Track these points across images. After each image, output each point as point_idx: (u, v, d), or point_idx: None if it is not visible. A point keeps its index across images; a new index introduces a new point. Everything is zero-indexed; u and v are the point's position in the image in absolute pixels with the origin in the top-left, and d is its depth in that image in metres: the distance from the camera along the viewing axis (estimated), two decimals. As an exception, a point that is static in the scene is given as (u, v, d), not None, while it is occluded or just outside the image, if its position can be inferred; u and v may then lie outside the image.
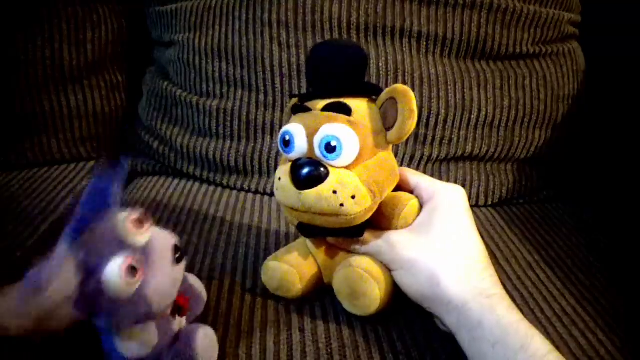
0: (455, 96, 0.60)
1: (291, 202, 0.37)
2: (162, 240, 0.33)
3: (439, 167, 0.62)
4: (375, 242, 0.39)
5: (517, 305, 0.44)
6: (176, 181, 0.64)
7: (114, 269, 0.29)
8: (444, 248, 0.37)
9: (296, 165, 0.36)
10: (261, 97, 0.60)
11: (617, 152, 0.67)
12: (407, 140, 0.60)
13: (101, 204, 0.31)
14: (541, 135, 0.64)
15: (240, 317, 0.41)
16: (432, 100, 0.59)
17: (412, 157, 0.61)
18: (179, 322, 0.35)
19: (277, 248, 0.50)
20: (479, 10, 0.60)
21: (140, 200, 0.59)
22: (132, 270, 0.29)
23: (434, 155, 0.61)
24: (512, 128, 0.63)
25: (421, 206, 0.40)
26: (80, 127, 0.69)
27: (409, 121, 0.36)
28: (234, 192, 0.61)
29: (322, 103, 0.38)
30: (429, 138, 0.60)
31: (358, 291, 0.39)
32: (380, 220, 0.40)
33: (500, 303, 0.34)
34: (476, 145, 0.62)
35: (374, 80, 0.59)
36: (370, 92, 0.39)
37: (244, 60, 0.60)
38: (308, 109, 0.38)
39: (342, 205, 0.35)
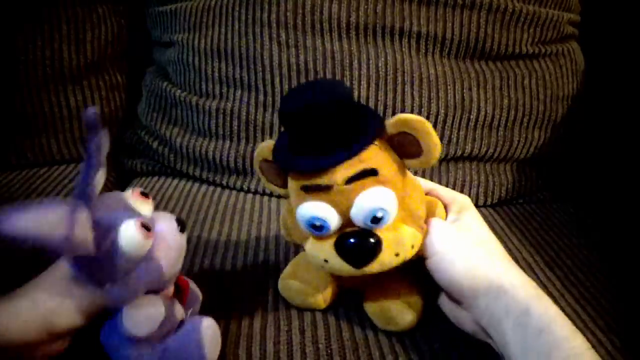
0: (455, 96, 0.60)
1: (347, 272, 0.35)
2: (164, 214, 0.34)
3: (438, 167, 0.62)
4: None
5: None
6: (176, 181, 0.64)
7: (129, 226, 0.30)
8: (482, 238, 0.38)
9: (348, 245, 0.34)
10: (261, 97, 0.60)
11: (617, 152, 0.67)
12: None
13: (97, 159, 0.32)
14: (540, 135, 0.64)
15: (240, 317, 0.41)
16: (432, 100, 0.59)
17: (411, 158, 0.61)
18: (181, 312, 0.35)
19: (277, 248, 0.50)
20: (479, 11, 0.60)
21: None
22: (145, 229, 0.30)
23: (434, 156, 0.61)
24: (512, 128, 0.63)
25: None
26: (80, 127, 0.68)
27: (435, 153, 0.34)
28: (234, 192, 0.61)
29: (338, 174, 0.33)
30: (429, 138, 0.60)
31: (394, 320, 0.39)
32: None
33: (544, 295, 0.34)
34: (475, 146, 0.61)
35: (373, 81, 0.59)
36: (367, 124, 0.34)
37: (243, 61, 0.60)
38: (329, 187, 0.33)
39: (397, 254, 0.35)
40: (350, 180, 0.33)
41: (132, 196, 0.33)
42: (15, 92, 0.64)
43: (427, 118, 0.59)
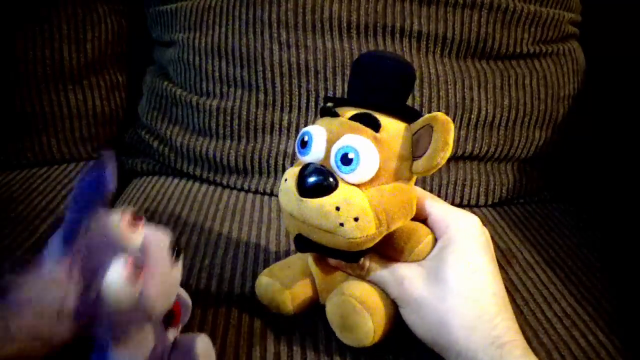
0: (456, 96, 0.60)
1: (290, 207, 0.34)
2: (158, 238, 0.31)
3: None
4: (381, 273, 0.37)
5: (518, 307, 0.44)
6: (176, 181, 0.64)
7: (115, 276, 0.27)
8: (454, 292, 0.34)
9: (305, 170, 0.34)
10: (261, 96, 0.60)
11: (617, 152, 0.67)
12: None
13: (91, 203, 0.29)
14: (541, 135, 0.64)
15: (241, 319, 0.41)
16: (432, 100, 0.59)
17: (412, 157, 0.60)
18: (173, 334, 0.34)
19: (277, 248, 0.50)
20: (479, 10, 0.60)
21: (140, 199, 0.59)
22: (134, 274, 0.27)
23: (434, 155, 0.61)
24: (512, 128, 0.63)
25: (435, 240, 0.37)
26: (80, 127, 0.68)
27: (440, 153, 0.32)
28: (234, 192, 0.61)
29: (353, 112, 0.35)
30: (429, 138, 0.60)
31: (350, 323, 0.36)
32: (389, 250, 0.37)
33: (511, 352, 0.32)
34: (476, 145, 0.61)
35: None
36: (411, 116, 0.35)
37: (243, 60, 0.60)
38: (336, 114, 0.35)
39: (342, 224, 0.32)
40: (354, 117, 0.34)
41: (121, 225, 0.29)
42: (15, 92, 0.64)
43: (428, 118, 0.59)
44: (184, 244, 0.50)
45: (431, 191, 0.61)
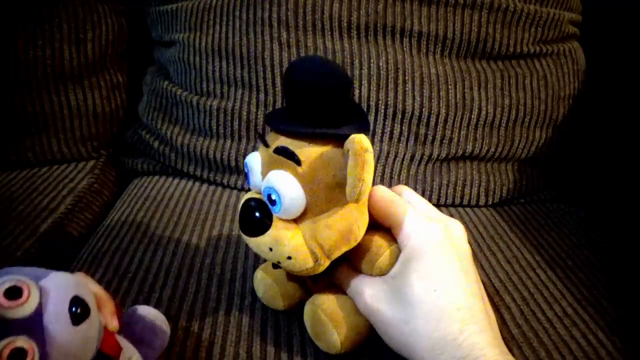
0: (456, 96, 0.60)
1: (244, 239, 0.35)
2: (57, 297, 0.26)
3: (439, 167, 0.62)
4: (350, 286, 0.36)
5: (518, 307, 0.44)
6: (176, 181, 0.64)
7: None
8: (417, 313, 0.32)
9: (244, 207, 0.34)
10: (261, 96, 0.60)
11: (618, 152, 0.67)
12: (407, 139, 0.60)
13: None
14: (542, 135, 0.64)
15: (241, 317, 0.41)
16: (432, 100, 0.59)
17: (412, 157, 0.61)
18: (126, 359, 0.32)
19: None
20: (480, 10, 0.60)
21: (140, 199, 0.59)
22: (20, 355, 0.24)
23: (434, 155, 0.61)
24: (513, 128, 0.63)
25: (399, 249, 0.36)
26: (81, 127, 0.68)
27: (355, 188, 0.30)
28: (234, 192, 0.61)
29: (277, 141, 0.33)
30: (429, 138, 0.60)
31: (318, 333, 0.37)
32: (356, 262, 0.37)
33: None
34: (476, 145, 0.61)
35: (374, 80, 0.58)
36: (341, 136, 0.32)
37: (244, 60, 0.60)
38: (266, 144, 0.34)
39: (279, 262, 0.33)
40: (277, 151, 0.33)
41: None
42: (15, 92, 0.64)
43: (428, 117, 0.59)
44: (183, 245, 0.50)
45: (431, 192, 0.61)
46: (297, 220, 0.33)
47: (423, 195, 0.61)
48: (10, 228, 0.53)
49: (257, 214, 0.33)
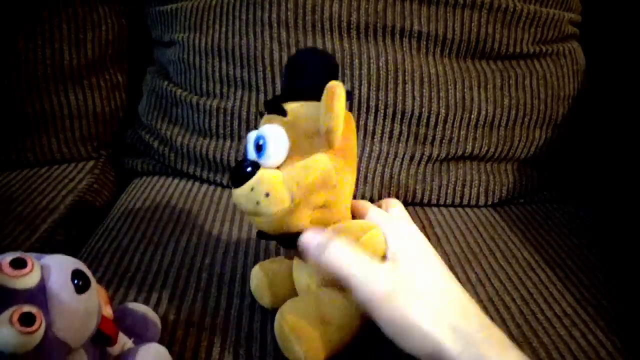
0: (456, 96, 0.60)
1: (234, 201, 0.37)
2: (59, 270, 0.28)
3: (439, 167, 0.62)
4: (353, 289, 0.34)
5: (518, 307, 0.44)
6: (176, 181, 0.64)
7: (4, 328, 0.25)
8: (418, 286, 0.33)
9: (235, 165, 0.37)
10: (261, 96, 0.60)
11: (617, 152, 0.67)
12: (407, 139, 0.60)
13: None
14: (541, 135, 0.64)
15: (241, 316, 0.41)
16: (432, 100, 0.59)
17: (412, 157, 0.61)
18: (121, 346, 0.33)
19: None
20: (479, 10, 0.60)
21: (140, 199, 0.59)
22: (28, 319, 0.25)
23: (434, 155, 0.61)
24: (512, 128, 0.63)
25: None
26: (81, 127, 0.68)
27: (325, 118, 0.34)
28: (234, 192, 0.61)
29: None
30: (429, 138, 0.60)
31: (284, 345, 0.36)
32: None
33: (490, 350, 0.30)
34: (476, 145, 0.61)
35: (374, 80, 0.58)
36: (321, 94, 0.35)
37: (244, 60, 0.60)
38: (262, 114, 0.38)
39: (257, 203, 0.34)
40: (265, 104, 0.38)
41: (2, 270, 0.26)
42: (15, 92, 0.64)
43: (428, 117, 0.59)
44: (183, 244, 0.50)
45: (431, 192, 0.61)
46: (279, 168, 0.35)
47: (423, 195, 0.61)
48: (10, 228, 0.53)
49: (244, 164, 0.35)
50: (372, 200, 0.61)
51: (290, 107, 0.36)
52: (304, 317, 0.36)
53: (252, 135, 0.36)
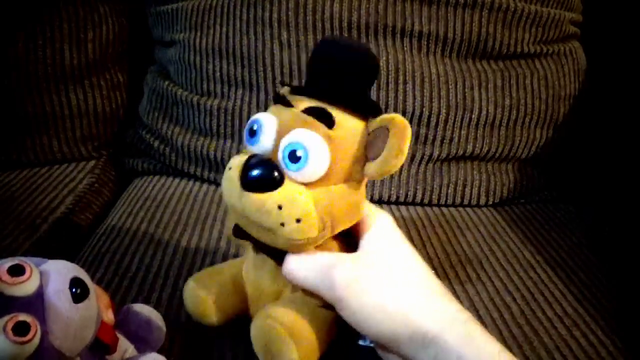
0: (456, 96, 0.60)
1: (232, 200, 0.32)
2: (57, 278, 0.28)
3: (439, 167, 0.62)
4: (314, 276, 0.32)
5: (518, 307, 0.44)
6: (176, 181, 0.64)
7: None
8: (394, 266, 0.32)
9: (250, 161, 0.31)
10: (262, 96, 0.60)
11: (618, 152, 0.67)
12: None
13: None
14: (542, 135, 0.64)
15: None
16: (433, 100, 0.59)
17: (412, 157, 0.61)
18: (122, 353, 0.33)
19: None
20: (480, 10, 0.60)
21: (141, 199, 0.59)
22: (22, 328, 0.25)
23: (435, 155, 0.61)
24: (513, 128, 0.62)
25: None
26: (81, 127, 0.68)
27: (393, 160, 0.30)
28: (235, 192, 0.61)
29: (307, 103, 0.32)
30: (430, 138, 0.60)
31: (272, 351, 0.32)
32: None
33: (475, 330, 0.30)
34: (477, 145, 0.61)
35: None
36: (370, 111, 0.33)
37: (244, 60, 0.60)
38: (289, 104, 0.32)
39: (282, 224, 0.30)
40: (307, 111, 0.31)
41: (2, 277, 0.26)
42: (16, 91, 0.64)
43: (429, 117, 0.59)
44: (184, 245, 0.50)
45: (431, 192, 0.61)
46: (309, 186, 0.31)
47: (423, 195, 0.61)
48: (10, 228, 0.53)
49: (269, 169, 0.30)
50: (372, 200, 0.61)
51: (338, 118, 0.31)
52: (298, 320, 0.33)
53: (268, 122, 0.31)
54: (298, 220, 0.30)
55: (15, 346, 0.24)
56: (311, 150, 0.30)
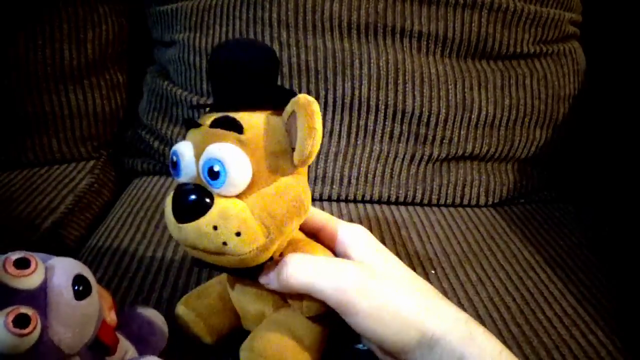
0: (456, 96, 0.60)
1: (175, 235, 0.31)
2: (61, 274, 0.28)
3: (439, 167, 0.62)
4: (320, 279, 0.32)
5: (518, 307, 0.44)
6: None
7: None
8: (396, 275, 0.33)
9: (177, 192, 0.30)
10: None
11: (618, 152, 0.67)
12: (407, 139, 0.60)
13: None
14: (542, 135, 0.64)
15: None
16: (433, 100, 0.59)
17: (412, 157, 0.61)
18: (122, 355, 0.32)
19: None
20: (480, 10, 0.60)
21: (140, 199, 0.59)
22: (23, 321, 0.25)
23: (434, 155, 0.61)
24: (513, 128, 0.63)
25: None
26: (81, 127, 0.68)
27: (308, 140, 0.29)
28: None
29: (214, 116, 0.31)
30: (429, 138, 0.60)
31: None
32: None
33: (477, 330, 0.30)
34: (477, 145, 0.61)
35: (374, 80, 0.58)
36: (278, 101, 0.31)
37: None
38: (198, 125, 0.31)
39: (225, 243, 0.29)
40: (214, 123, 0.30)
41: (6, 269, 0.26)
42: (15, 92, 0.64)
43: (429, 117, 0.59)
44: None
45: (431, 192, 0.61)
46: (240, 196, 0.30)
47: (423, 195, 0.61)
48: (10, 228, 0.53)
49: (196, 194, 0.29)
50: (371, 200, 0.61)
51: (246, 120, 0.30)
52: (285, 347, 0.32)
53: (184, 148, 0.30)
54: (238, 234, 0.29)
55: (14, 338, 0.24)
56: (227, 162, 0.29)
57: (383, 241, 0.40)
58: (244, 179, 0.29)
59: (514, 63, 0.63)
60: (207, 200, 0.29)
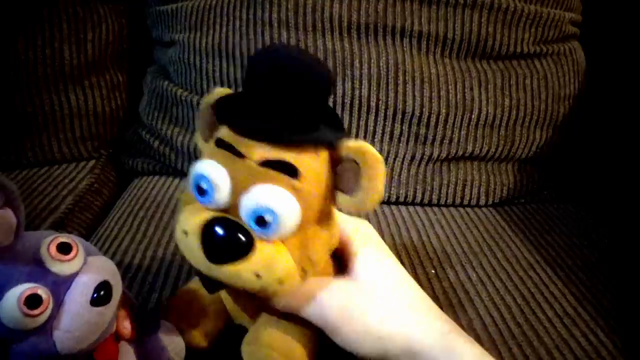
0: (456, 96, 0.60)
1: (200, 268, 0.28)
2: (91, 274, 0.28)
3: (439, 167, 0.62)
4: (304, 303, 0.32)
5: (518, 306, 0.44)
6: (176, 181, 0.64)
7: (11, 298, 0.25)
8: (387, 299, 0.32)
9: (210, 229, 0.27)
10: (261, 96, 0.60)
11: (618, 152, 0.67)
12: (407, 139, 0.60)
13: None
14: (542, 135, 0.64)
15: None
16: (433, 100, 0.59)
17: (412, 157, 0.61)
18: None
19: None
20: (480, 10, 0.60)
21: (141, 199, 0.59)
22: (35, 301, 0.25)
23: (434, 155, 0.61)
24: (513, 128, 0.63)
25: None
26: (81, 127, 0.68)
27: (370, 203, 0.27)
28: (235, 192, 0.61)
29: (260, 150, 0.27)
30: (429, 138, 0.60)
31: None
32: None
33: (456, 340, 0.31)
34: (477, 145, 0.61)
35: (374, 80, 0.58)
36: (334, 137, 0.28)
37: (244, 60, 0.60)
38: (239, 154, 0.27)
39: (263, 287, 0.27)
40: (266, 164, 0.26)
41: (48, 247, 0.27)
42: (15, 92, 0.64)
43: (428, 117, 0.59)
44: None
45: (431, 192, 0.61)
46: (282, 241, 0.28)
47: (423, 195, 0.61)
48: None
49: (236, 236, 0.26)
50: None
51: (299, 162, 0.27)
52: (291, 338, 0.32)
53: (221, 184, 0.27)
54: (280, 282, 0.27)
55: (19, 314, 0.25)
56: (280, 212, 0.26)
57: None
58: (292, 229, 0.27)
59: (514, 63, 0.63)
60: (249, 243, 0.26)
